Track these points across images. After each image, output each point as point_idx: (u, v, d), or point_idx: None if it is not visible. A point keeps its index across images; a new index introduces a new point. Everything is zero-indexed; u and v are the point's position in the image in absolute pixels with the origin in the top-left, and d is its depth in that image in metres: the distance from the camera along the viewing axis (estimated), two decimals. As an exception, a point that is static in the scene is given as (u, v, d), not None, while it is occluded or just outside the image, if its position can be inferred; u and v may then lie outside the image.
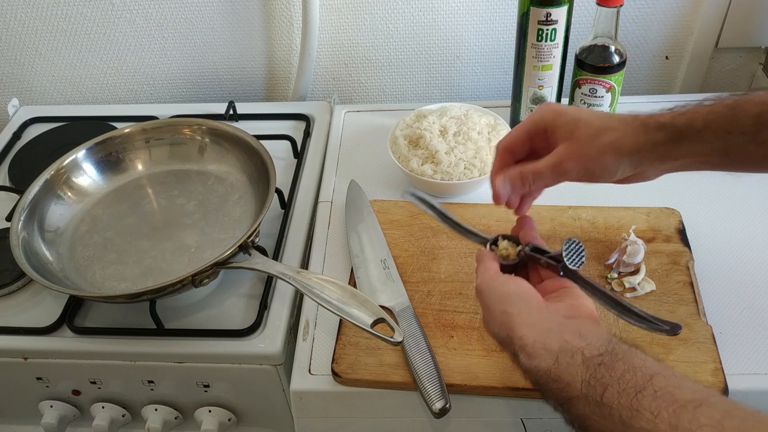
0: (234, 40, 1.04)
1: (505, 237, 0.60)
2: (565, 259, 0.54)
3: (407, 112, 0.88)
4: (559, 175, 0.56)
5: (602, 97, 0.84)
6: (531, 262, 0.58)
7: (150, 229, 0.78)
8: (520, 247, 0.58)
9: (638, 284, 0.67)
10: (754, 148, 0.50)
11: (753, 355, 0.63)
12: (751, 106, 0.50)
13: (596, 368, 0.44)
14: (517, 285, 0.53)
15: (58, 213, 0.78)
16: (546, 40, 0.78)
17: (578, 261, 0.54)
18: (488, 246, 0.60)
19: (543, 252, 0.57)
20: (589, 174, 0.55)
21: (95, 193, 0.82)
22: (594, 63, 0.82)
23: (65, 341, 0.71)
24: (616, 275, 0.69)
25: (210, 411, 0.74)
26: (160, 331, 0.70)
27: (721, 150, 0.52)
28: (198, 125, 0.85)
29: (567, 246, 0.54)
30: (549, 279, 0.57)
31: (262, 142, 0.79)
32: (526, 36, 0.79)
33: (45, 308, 0.74)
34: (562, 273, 0.55)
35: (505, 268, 0.58)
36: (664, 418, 0.40)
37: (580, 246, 0.54)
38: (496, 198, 0.60)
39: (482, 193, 0.81)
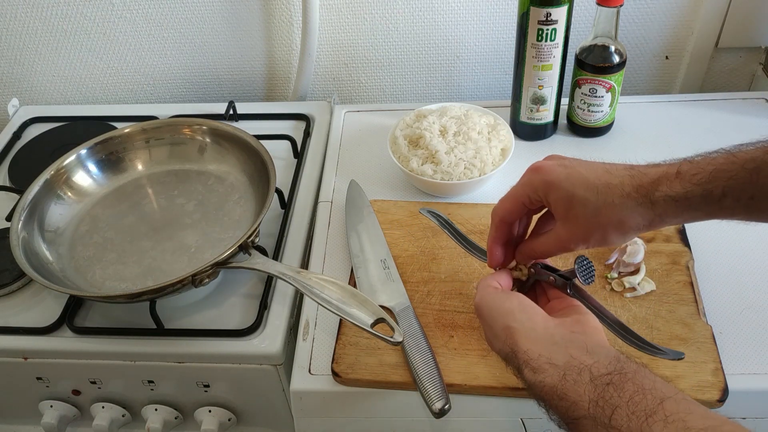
0: (234, 40, 1.04)
1: None
2: (578, 274, 0.53)
3: (407, 112, 0.88)
4: (566, 251, 0.55)
5: (602, 97, 0.84)
6: (541, 279, 0.58)
7: (150, 229, 0.78)
8: (530, 264, 0.58)
9: (638, 284, 0.67)
10: None
11: (753, 355, 0.63)
12: None
13: (605, 388, 0.43)
14: (519, 299, 0.53)
15: (58, 213, 0.78)
16: (546, 40, 0.78)
17: (589, 278, 0.54)
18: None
19: (553, 270, 0.57)
20: (597, 245, 0.53)
21: (95, 193, 0.82)
22: (594, 63, 0.82)
23: (65, 341, 0.71)
24: (616, 275, 0.69)
25: (210, 411, 0.74)
26: (160, 331, 0.70)
27: (743, 211, 0.47)
28: (198, 125, 0.85)
29: (579, 263, 0.54)
30: (556, 299, 0.56)
31: (262, 142, 0.79)
32: (526, 36, 0.79)
33: (45, 308, 0.74)
34: (570, 291, 0.55)
35: (513, 288, 0.58)
36: None
37: (591, 264, 0.54)
38: (494, 264, 0.59)
39: (482, 193, 0.81)
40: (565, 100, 0.89)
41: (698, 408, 0.41)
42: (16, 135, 1.00)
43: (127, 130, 0.84)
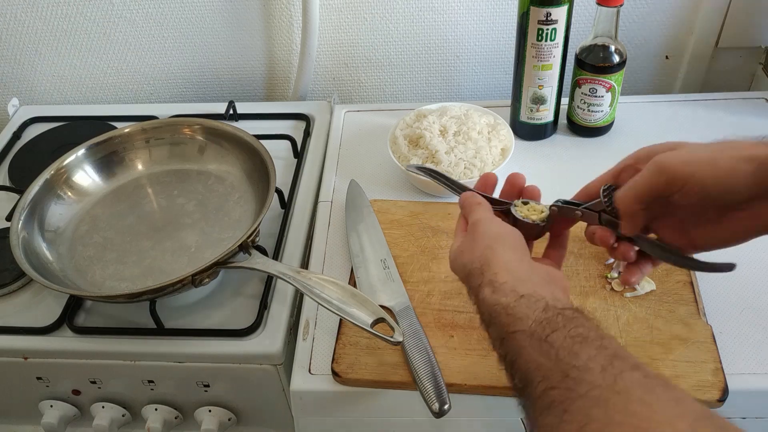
0: (234, 40, 1.04)
1: (524, 203, 0.58)
2: (604, 206, 0.52)
3: (407, 112, 0.88)
4: (661, 185, 0.47)
5: (602, 96, 0.84)
6: (566, 216, 0.56)
7: (150, 228, 0.78)
8: (550, 204, 0.56)
9: (638, 284, 0.67)
10: None
11: (753, 355, 0.63)
12: None
13: (555, 315, 0.44)
14: (514, 233, 0.53)
15: (58, 213, 0.78)
16: (546, 40, 0.78)
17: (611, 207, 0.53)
18: (512, 210, 0.58)
19: (576, 204, 0.55)
20: (699, 188, 0.46)
21: (95, 192, 0.82)
22: (594, 63, 0.82)
23: (65, 341, 0.71)
24: (616, 275, 0.69)
25: (210, 411, 0.74)
26: (160, 330, 0.70)
27: None
28: (198, 125, 0.85)
29: (605, 191, 0.52)
30: (544, 258, 0.57)
31: (262, 141, 0.79)
32: (526, 36, 0.79)
33: (45, 308, 0.74)
34: (602, 221, 0.53)
35: (529, 232, 0.57)
36: (598, 361, 0.40)
37: (613, 188, 0.53)
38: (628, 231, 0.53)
39: (482, 192, 0.81)
40: (565, 100, 0.89)
41: (637, 359, 0.41)
42: (16, 135, 1.00)
43: (127, 130, 0.84)
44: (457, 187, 0.63)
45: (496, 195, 0.60)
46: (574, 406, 0.38)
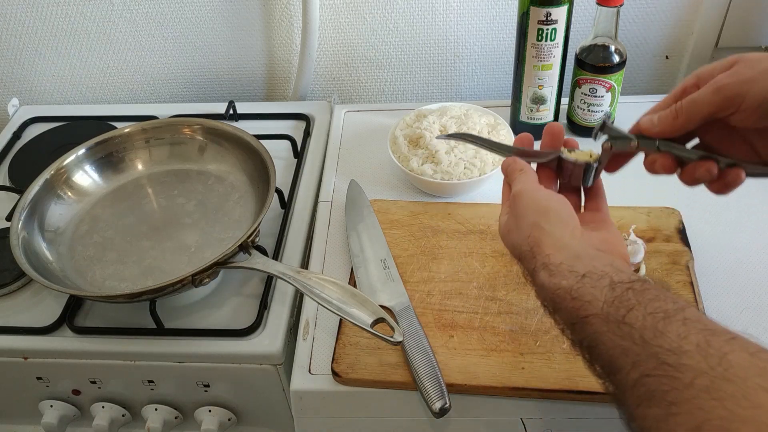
0: (234, 40, 1.04)
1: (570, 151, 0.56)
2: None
3: (407, 112, 0.88)
4: (719, 105, 0.46)
5: (602, 96, 0.84)
6: (622, 150, 0.53)
7: (150, 228, 0.78)
8: (603, 142, 0.53)
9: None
10: None
11: (753, 354, 0.63)
12: None
13: (624, 292, 0.41)
14: (560, 203, 0.50)
15: (58, 213, 0.78)
16: (546, 40, 0.78)
17: None
18: (563, 155, 0.55)
19: (627, 137, 0.52)
20: (757, 104, 0.45)
21: (95, 192, 0.82)
22: (594, 63, 0.82)
23: (65, 341, 0.71)
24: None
25: (210, 411, 0.74)
26: (160, 331, 0.70)
27: None
28: (198, 125, 0.85)
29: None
30: (589, 212, 0.55)
31: (262, 141, 0.79)
32: (526, 36, 0.79)
33: (45, 308, 0.74)
34: (660, 148, 0.51)
35: (583, 177, 0.55)
36: (691, 341, 0.37)
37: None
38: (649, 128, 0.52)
39: (482, 192, 0.81)
40: (565, 100, 0.89)
41: (716, 322, 0.39)
42: (16, 135, 1.00)
43: (127, 130, 0.84)
44: (496, 148, 0.61)
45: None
46: (682, 398, 0.35)
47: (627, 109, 0.91)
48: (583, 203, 0.58)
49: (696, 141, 0.52)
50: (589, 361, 0.43)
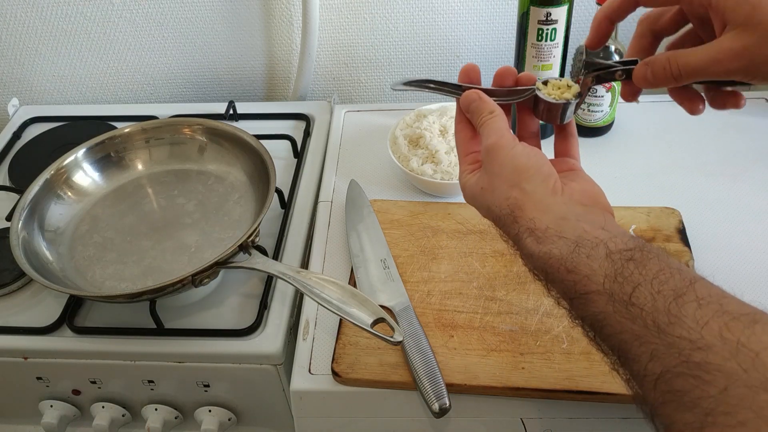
0: (234, 40, 1.04)
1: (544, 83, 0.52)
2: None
3: (407, 112, 0.88)
4: (717, 74, 0.43)
5: (602, 96, 0.84)
6: (607, 80, 0.50)
7: (150, 228, 0.78)
8: (585, 73, 0.50)
9: None
10: None
11: (753, 354, 0.63)
12: None
13: (624, 264, 0.39)
14: (538, 159, 0.46)
15: (58, 213, 0.78)
16: (546, 40, 0.78)
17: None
18: (539, 94, 0.51)
19: (610, 66, 0.49)
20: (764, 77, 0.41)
21: (95, 192, 0.82)
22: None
23: (65, 341, 0.71)
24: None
25: (210, 411, 0.74)
26: (160, 330, 0.70)
27: None
28: (198, 125, 0.85)
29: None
30: (558, 160, 0.52)
31: (262, 141, 0.79)
32: (526, 36, 0.79)
33: (45, 308, 0.74)
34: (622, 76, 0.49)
35: (561, 115, 0.50)
36: (713, 330, 0.34)
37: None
38: (593, 43, 0.49)
39: (482, 192, 0.81)
40: (565, 100, 0.89)
41: (730, 294, 0.37)
42: (16, 135, 1.00)
43: (127, 130, 0.84)
44: (453, 88, 0.54)
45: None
46: (718, 409, 0.32)
47: (627, 109, 0.92)
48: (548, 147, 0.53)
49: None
50: (594, 339, 0.41)
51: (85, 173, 0.82)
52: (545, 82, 0.52)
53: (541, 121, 0.54)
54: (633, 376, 0.38)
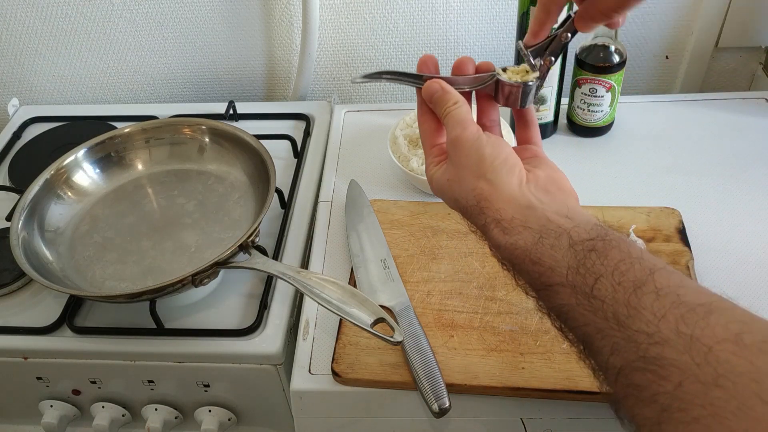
0: (234, 40, 1.04)
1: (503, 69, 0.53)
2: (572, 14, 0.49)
3: (407, 112, 0.88)
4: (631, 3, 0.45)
5: (602, 96, 0.84)
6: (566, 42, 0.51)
7: (150, 228, 0.78)
8: (535, 61, 0.51)
9: None
10: None
11: (753, 354, 0.63)
12: None
13: (586, 254, 0.39)
14: (502, 149, 0.47)
15: (58, 213, 0.78)
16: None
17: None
18: (502, 79, 0.52)
19: (547, 38, 0.51)
20: None
21: (95, 192, 0.82)
22: (594, 63, 0.82)
23: (65, 341, 0.71)
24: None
25: (210, 411, 0.74)
26: (160, 330, 0.70)
27: None
28: (198, 125, 0.85)
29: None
30: (521, 146, 0.53)
31: (262, 141, 0.79)
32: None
33: (45, 308, 0.74)
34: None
35: (521, 99, 0.52)
36: (669, 322, 0.34)
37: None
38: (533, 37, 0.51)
39: (482, 192, 0.81)
40: (565, 100, 0.89)
41: (689, 281, 0.37)
42: (16, 135, 1.00)
43: (127, 130, 0.84)
44: (414, 79, 0.55)
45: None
46: (673, 405, 0.33)
47: (627, 109, 0.92)
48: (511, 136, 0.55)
49: None
50: (561, 330, 0.42)
51: (85, 173, 0.82)
52: (504, 69, 0.53)
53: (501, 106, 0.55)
54: (597, 368, 0.39)
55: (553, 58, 0.52)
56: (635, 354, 0.35)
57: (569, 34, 0.51)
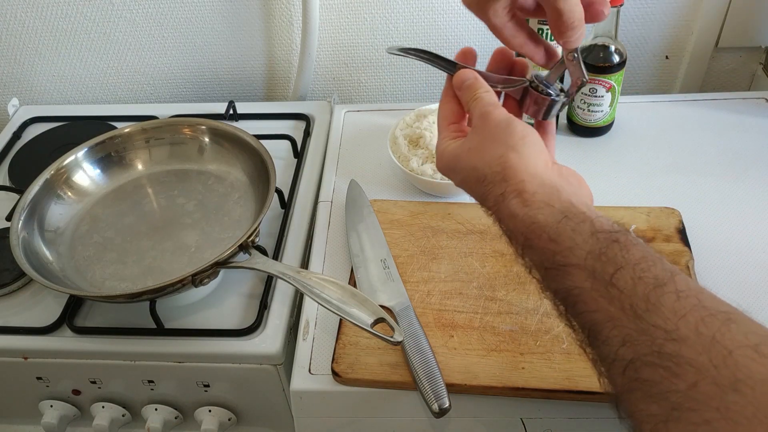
0: (234, 40, 1.04)
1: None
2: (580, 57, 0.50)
3: (407, 112, 0.88)
4: None
5: (602, 96, 0.84)
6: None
7: (150, 228, 0.78)
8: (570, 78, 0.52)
9: None
10: None
11: (753, 354, 0.63)
12: None
13: (609, 244, 0.38)
14: (534, 133, 0.47)
15: (58, 213, 0.78)
16: (546, 40, 0.78)
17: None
18: (535, 88, 0.53)
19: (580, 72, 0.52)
20: None
21: (95, 192, 0.82)
22: (594, 63, 0.82)
23: (65, 341, 0.71)
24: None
25: (210, 411, 0.74)
26: (160, 330, 0.70)
27: None
28: (198, 125, 0.85)
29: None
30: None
31: (262, 141, 0.79)
32: (526, 36, 0.79)
33: (45, 308, 0.74)
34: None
35: (546, 112, 0.52)
36: (689, 322, 0.34)
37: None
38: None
39: (482, 192, 0.81)
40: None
41: (707, 290, 0.37)
42: (16, 135, 1.00)
43: (127, 130, 0.84)
44: (447, 64, 0.55)
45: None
46: (685, 405, 0.32)
47: (627, 109, 0.92)
48: None
49: None
50: (564, 314, 0.41)
51: (85, 173, 0.82)
52: (537, 76, 0.53)
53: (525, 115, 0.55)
54: (601, 358, 0.38)
55: (584, 78, 0.53)
56: (649, 348, 0.34)
57: (572, 53, 0.52)
